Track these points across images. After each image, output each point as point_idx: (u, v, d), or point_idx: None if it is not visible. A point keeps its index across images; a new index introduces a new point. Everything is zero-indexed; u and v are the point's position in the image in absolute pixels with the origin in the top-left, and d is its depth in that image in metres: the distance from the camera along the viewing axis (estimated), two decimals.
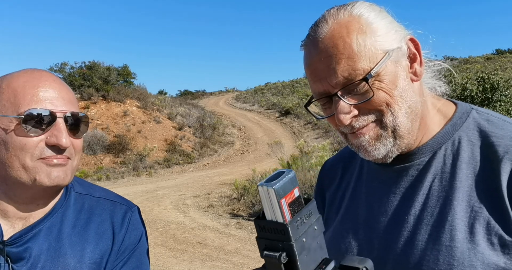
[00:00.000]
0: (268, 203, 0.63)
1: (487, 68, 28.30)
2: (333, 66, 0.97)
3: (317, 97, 1.05)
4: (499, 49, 55.12)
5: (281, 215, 0.63)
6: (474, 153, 1.01)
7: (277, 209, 0.63)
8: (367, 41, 0.97)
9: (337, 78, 0.97)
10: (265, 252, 0.64)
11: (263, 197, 0.64)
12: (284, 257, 0.63)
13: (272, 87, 45.52)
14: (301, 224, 0.65)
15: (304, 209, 0.66)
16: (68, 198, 1.27)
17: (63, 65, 23.66)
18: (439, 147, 1.05)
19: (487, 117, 1.06)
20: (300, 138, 20.92)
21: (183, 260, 7.44)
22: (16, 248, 1.15)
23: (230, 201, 11.42)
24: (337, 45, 0.97)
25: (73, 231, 1.23)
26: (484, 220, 0.93)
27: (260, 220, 0.66)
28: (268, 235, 0.65)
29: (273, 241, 0.64)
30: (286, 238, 0.63)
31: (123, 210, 1.32)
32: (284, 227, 0.62)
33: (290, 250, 0.63)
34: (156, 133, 21.36)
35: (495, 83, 13.37)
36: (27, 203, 1.18)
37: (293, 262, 0.63)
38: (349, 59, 0.96)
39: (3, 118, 1.10)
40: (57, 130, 1.12)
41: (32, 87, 1.12)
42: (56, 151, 1.12)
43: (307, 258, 0.65)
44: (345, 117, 0.99)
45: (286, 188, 0.64)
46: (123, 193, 2.73)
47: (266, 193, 0.63)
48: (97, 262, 1.23)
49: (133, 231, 1.31)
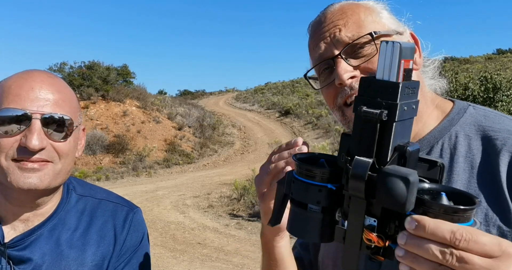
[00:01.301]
0: (388, 60, 0.62)
1: (488, 68, 28.35)
2: (340, 27, 1.04)
3: (318, 62, 1.08)
4: (500, 48, 55.29)
5: (396, 74, 0.62)
6: (471, 146, 1.02)
7: (395, 67, 0.62)
8: (374, 17, 1.06)
9: (341, 36, 1.03)
10: (364, 108, 0.62)
11: (384, 53, 0.63)
12: (385, 115, 0.61)
13: (272, 87, 45.56)
14: (407, 94, 0.63)
15: (413, 83, 0.65)
16: (69, 200, 1.26)
17: (62, 65, 23.65)
18: (436, 142, 1.06)
19: (484, 113, 1.08)
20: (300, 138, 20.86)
21: (183, 260, 7.42)
22: (17, 251, 1.15)
23: (230, 201, 11.40)
24: (346, 12, 1.06)
25: (74, 233, 1.23)
26: (481, 211, 0.94)
27: (368, 78, 0.65)
28: (372, 94, 0.63)
29: (375, 100, 0.62)
30: (393, 97, 0.61)
31: (125, 212, 1.31)
32: (396, 86, 0.61)
33: (393, 109, 0.61)
34: (155, 133, 21.33)
35: (497, 83, 13.36)
36: (20, 206, 1.16)
37: (388, 123, 0.62)
38: (355, 24, 1.03)
39: None
40: (29, 131, 1.08)
41: (18, 88, 1.10)
42: (28, 153, 1.08)
43: (400, 129, 0.63)
44: (345, 73, 1.01)
45: (408, 52, 0.63)
46: (123, 194, 2.72)
47: (391, 48, 0.62)
48: (99, 264, 1.23)
49: (135, 233, 1.30)
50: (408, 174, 0.59)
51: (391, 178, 0.59)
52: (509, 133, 0.99)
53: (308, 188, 0.70)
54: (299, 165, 0.72)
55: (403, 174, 0.59)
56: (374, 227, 0.64)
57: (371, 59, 1.01)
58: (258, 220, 9.52)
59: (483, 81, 13.82)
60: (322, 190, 0.69)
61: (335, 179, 0.68)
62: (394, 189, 0.59)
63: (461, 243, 0.56)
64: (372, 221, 0.64)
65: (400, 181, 0.59)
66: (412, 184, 0.58)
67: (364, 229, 0.64)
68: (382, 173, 0.61)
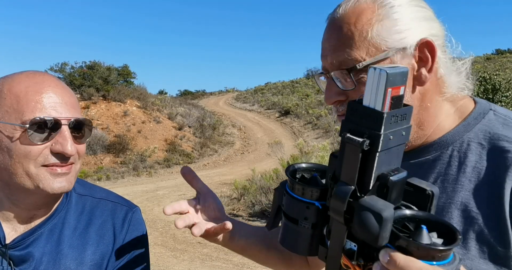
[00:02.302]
0: (374, 88, 0.61)
1: (487, 68, 28.29)
2: (333, 48, 1.01)
3: (319, 72, 1.10)
4: (499, 49, 55.10)
5: (382, 103, 0.60)
6: (482, 157, 0.96)
7: (381, 96, 0.60)
8: (373, 33, 0.96)
9: (332, 60, 1.01)
10: (348, 135, 0.61)
11: (371, 80, 0.61)
12: (367, 145, 0.60)
13: (272, 87, 45.48)
14: (394, 122, 0.62)
15: (402, 110, 0.63)
16: (69, 199, 1.27)
17: (63, 65, 23.62)
18: (446, 148, 1.02)
19: (503, 121, 1.01)
20: (300, 138, 20.89)
21: (183, 260, 7.44)
22: (18, 251, 1.15)
23: (230, 201, 11.41)
24: (342, 29, 1.00)
25: (74, 233, 1.23)
26: (478, 227, 0.91)
27: (355, 103, 0.63)
28: (357, 120, 0.62)
29: (360, 127, 0.61)
30: (377, 127, 0.60)
31: (124, 211, 1.32)
32: (380, 116, 0.60)
33: (376, 140, 0.60)
34: (156, 133, 21.34)
35: (496, 83, 13.36)
36: (30, 209, 1.17)
37: (371, 153, 0.61)
38: (347, 46, 0.98)
39: (7, 125, 1.08)
40: (62, 137, 1.10)
41: (35, 93, 1.09)
42: (60, 158, 1.11)
43: (384, 157, 0.62)
44: (329, 97, 1.03)
45: (396, 79, 0.61)
46: (123, 193, 2.75)
47: (377, 76, 0.60)
48: (98, 263, 1.23)
49: (134, 232, 1.31)
50: (382, 209, 0.58)
51: (365, 213, 0.59)
52: None
53: (297, 204, 0.70)
54: (290, 180, 0.72)
55: (377, 210, 0.58)
56: (353, 252, 0.63)
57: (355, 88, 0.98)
58: (259, 220, 9.55)
59: (482, 82, 13.82)
60: (309, 207, 0.69)
61: (323, 197, 0.68)
62: (367, 224, 0.58)
63: None
64: (352, 246, 0.64)
65: (372, 217, 0.58)
66: (385, 221, 0.57)
67: (343, 255, 0.64)
68: (358, 205, 0.60)
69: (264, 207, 9.96)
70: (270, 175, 11.48)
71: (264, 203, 10.07)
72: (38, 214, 1.19)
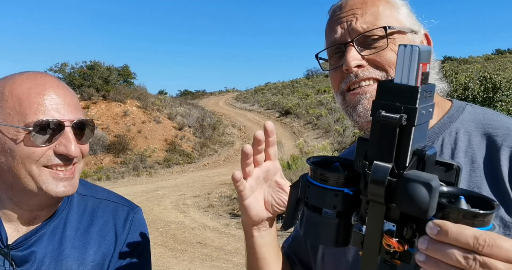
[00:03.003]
0: (407, 64, 0.61)
1: (487, 68, 28.31)
2: (357, 16, 1.07)
3: (330, 45, 1.12)
4: (499, 49, 55.11)
5: (415, 78, 0.61)
6: (471, 142, 1.05)
7: (414, 71, 0.60)
8: (392, 11, 1.09)
9: (356, 26, 1.06)
10: (383, 112, 0.61)
11: (403, 57, 0.61)
12: (404, 119, 0.60)
13: (272, 87, 45.51)
14: (425, 98, 0.62)
15: (430, 86, 0.64)
16: (71, 200, 1.27)
17: (63, 66, 23.62)
18: (436, 137, 1.09)
19: (482, 111, 1.12)
20: (300, 138, 20.90)
21: (183, 260, 7.44)
22: (20, 251, 1.15)
23: (230, 201, 11.41)
24: (366, 2, 1.08)
25: (76, 233, 1.24)
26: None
27: (386, 82, 0.64)
28: (390, 98, 0.62)
29: (394, 104, 0.61)
30: (412, 101, 0.60)
31: (125, 212, 1.32)
32: (415, 90, 0.60)
33: (412, 114, 0.60)
34: (156, 133, 21.34)
35: (497, 83, 13.35)
36: (33, 210, 1.17)
37: (407, 129, 0.61)
38: (372, 16, 1.06)
39: (10, 128, 1.08)
40: (65, 139, 1.10)
41: (37, 95, 1.09)
42: (64, 159, 1.11)
43: (417, 133, 0.62)
44: (353, 60, 1.05)
45: (425, 55, 0.62)
46: (123, 193, 2.75)
47: (409, 52, 0.61)
48: (99, 263, 1.23)
49: (135, 232, 1.31)
50: (430, 179, 0.58)
51: (413, 184, 0.58)
52: (508, 129, 1.03)
53: (325, 193, 0.69)
54: (314, 169, 0.71)
55: (425, 180, 0.58)
56: (393, 232, 0.63)
57: (380, 52, 1.05)
58: None
59: (483, 81, 13.82)
60: (338, 195, 0.68)
61: (351, 183, 0.68)
62: (416, 195, 0.58)
63: (485, 248, 0.55)
64: (391, 226, 0.63)
65: (422, 187, 0.58)
66: (435, 190, 0.57)
67: (384, 235, 0.63)
68: (403, 179, 0.60)
69: None
70: None
71: None
72: (40, 215, 1.19)
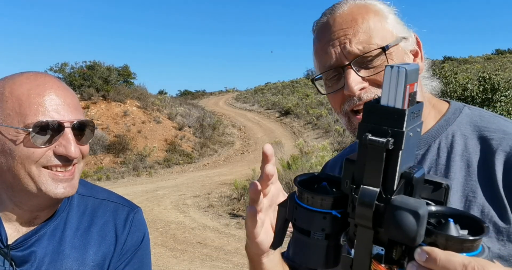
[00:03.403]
0: (393, 86, 0.59)
1: (487, 68, 28.30)
2: (350, 37, 1.03)
3: (326, 69, 1.08)
4: (499, 49, 55.11)
5: (402, 100, 0.59)
6: (468, 146, 1.04)
7: (401, 93, 0.59)
8: (382, 23, 1.06)
9: (352, 48, 1.02)
10: (369, 136, 0.59)
11: (389, 79, 0.60)
12: (391, 144, 0.58)
13: (272, 87, 45.49)
14: (412, 119, 0.61)
15: (417, 106, 0.63)
16: (71, 200, 1.27)
17: (63, 66, 23.61)
18: (433, 141, 1.09)
19: (479, 113, 1.11)
20: (300, 138, 20.90)
21: (183, 260, 7.44)
22: (20, 251, 1.15)
23: (230, 201, 11.41)
24: (356, 19, 1.04)
25: (76, 233, 1.24)
26: (478, 208, 0.96)
27: (372, 103, 0.62)
28: (377, 121, 0.60)
29: (381, 127, 0.60)
30: (399, 125, 0.59)
31: (126, 212, 1.32)
32: (401, 113, 0.59)
33: (399, 138, 0.59)
34: (156, 133, 21.34)
35: (495, 83, 13.35)
36: (33, 210, 1.17)
37: (395, 151, 0.59)
38: (365, 34, 1.03)
39: (9, 129, 1.08)
40: (65, 140, 1.10)
41: (37, 96, 1.09)
42: (63, 160, 1.11)
43: (405, 155, 0.61)
44: (356, 85, 1.02)
45: (413, 76, 0.61)
46: (123, 193, 2.75)
47: (396, 74, 0.59)
48: (100, 264, 1.23)
49: (136, 232, 1.31)
50: (418, 207, 0.56)
51: (401, 212, 0.57)
52: (504, 133, 1.02)
53: (312, 216, 0.67)
54: (301, 191, 0.69)
55: (413, 208, 0.56)
56: (381, 257, 0.62)
57: (381, 71, 1.02)
58: None
59: (482, 81, 13.82)
60: (326, 217, 0.66)
61: (340, 205, 0.66)
62: (403, 223, 0.57)
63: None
64: (379, 250, 0.62)
65: (409, 215, 0.56)
66: (422, 218, 0.56)
67: (372, 260, 0.62)
68: (391, 205, 0.59)
69: None
70: None
71: None
72: (40, 215, 1.19)
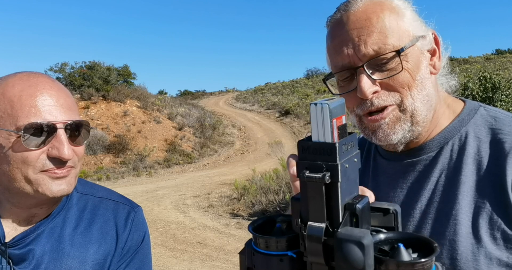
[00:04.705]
0: (320, 122, 0.62)
1: (487, 68, 28.30)
2: (364, 38, 0.99)
3: (339, 70, 1.04)
4: (499, 49, 55.08)
5: (331, 134, 0.61)
6: (480, 149, 1.02)
7: (328, 128, 0.61)
8: (399, 21, 1.01)
9: (367, 49, 0.98)
10: (306, 173, 0.61)
11: (315, 115, 0.62)
12: (328, 177, 0.60)
13: (272, 87, 45.48)
14: (346, 150, 0.63)
15: (349, 137, 0.65)
16: (70, 198, 1.26)
17: (63, 66, 23.60)
18: (446, 142, 1.06)
19: (494, 114, 1.07)
20: (300, 138, 20.86)
21: (183, 260, 7.44)
22: (18, 249, 1.14)
23: (230, 201, 11.41)
24: (371, 18, 1.00)
25: (75, 231, 1.22)
26: (487, 215, 0.95)
27: (305, 141, 0.64)
28: (311, 157, 0.63)
29: (316, 163, 0.62)
30: (332, 158, 0.61)
31: (126, 211, 1.31)
32: (332, 147, 0.61)
33: (334, 171, 0.60)
34: (156, 133, 21.34)
35: (496, 82, 13.35)
36: (31, 208, 1.17)
37: (334, 184, 0.61)
38: (380, 34, 0.99)
39: (2, 131, 1.06)
40: (58, 142, 1.08)
41: (29, 97, 1.07)
42: (58, 163, 1.09)
43: (346, 187, 0.63)
44: (368, 89, 0.99)
45: (338, 110, 0.63)
46: (123, 193, 2.74)
47: (320, 110, 0.62)
48: (100, 263, 1.22)
49: (136, 232, 1.30)
50: (362, 237, 0.58)
51: (346, 244, 0.59)
52: None
53: (270, 260, 0.67)
54: (255, 236, 0.70)
55: (357, 238, 0.58)
56: None
57: (394, 75, 0.99)
58: None
59: (482, 80, 13.81)
60: (283, 260, 0.67)
61: (294, 245, 0.67)
62: (350, 255, 0.58)
63: None
64: None
65: (354, 246, 0.58)
66: (367, 247, 0.57)
67: None
68: (336, 239, 0.60)
69: (264, 207, 9.96)
70: (270, 175, 11.48)
71: (264, 203, 10.08)
72: (39, 213, 1.18)
